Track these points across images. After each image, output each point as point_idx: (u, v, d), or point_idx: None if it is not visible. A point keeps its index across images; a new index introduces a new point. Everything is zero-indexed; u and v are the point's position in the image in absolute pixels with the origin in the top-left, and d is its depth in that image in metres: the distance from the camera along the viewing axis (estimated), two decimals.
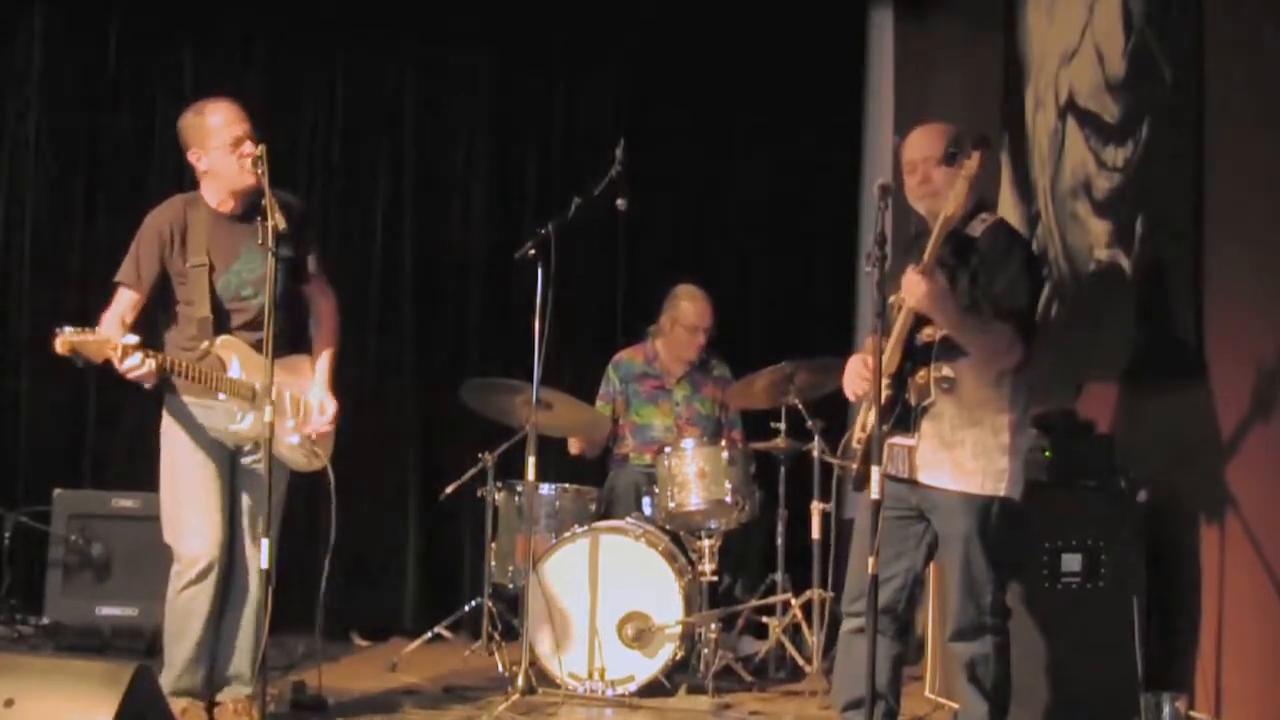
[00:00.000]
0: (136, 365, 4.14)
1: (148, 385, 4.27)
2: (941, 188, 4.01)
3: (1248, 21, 4.63)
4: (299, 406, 4.57)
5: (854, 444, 4.15)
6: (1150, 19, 5.11)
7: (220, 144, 4.40)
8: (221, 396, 4.34)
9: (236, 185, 4.42)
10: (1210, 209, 4.76)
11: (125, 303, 4.42)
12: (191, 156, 4.48)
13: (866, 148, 7.24)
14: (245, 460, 4.49)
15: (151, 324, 4.49)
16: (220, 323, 4.40)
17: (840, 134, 7.20)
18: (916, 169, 4.11)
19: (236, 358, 4.39)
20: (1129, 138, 5.20)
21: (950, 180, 3.96)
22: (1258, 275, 4.53)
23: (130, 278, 4.44)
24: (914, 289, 3.86)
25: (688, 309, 6.08)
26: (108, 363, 4.14)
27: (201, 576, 4.37)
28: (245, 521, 4.49)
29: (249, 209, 4.42)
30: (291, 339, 4.58)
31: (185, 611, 4.39)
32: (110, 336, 4.15)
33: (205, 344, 4.36)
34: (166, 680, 4.32)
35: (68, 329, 4.06)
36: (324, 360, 4.68)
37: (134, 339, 4.19)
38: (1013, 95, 6.06)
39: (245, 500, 4.50)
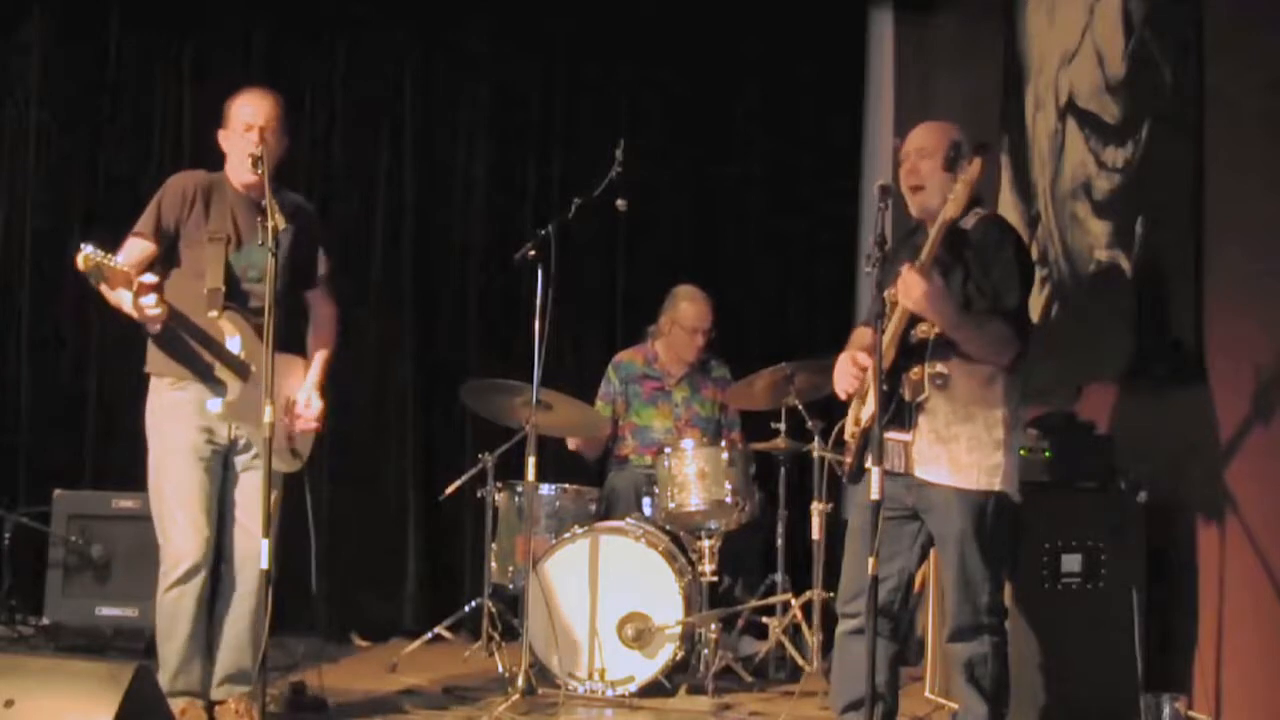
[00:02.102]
0: (152, 305, 4.16)
1: (155, 328, 4.26)
2: (926, 182, 4.05)
3: (1248, 21, 4.63)
4: (288, 406, 4.57)
5: (846, 438, 4.16)
6: (1150, 19, 5.11)
7: (235, 127, 4.47)
8: (216, 369, 4.34)
9: (238, 176, 4.47)
10: (1210, 209, 4.75)
11: (136, 250, 4.40)
12: (220, 135, 4.54)
13: (866, 148, 7.23)
14: (239, 459, 4.49)
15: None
16: (230, 297, 4.41)
17: (840, 134, 7.20)
18: (908, 159, 4.14)
19: (239, 335, 4.38)
20: (1129, 138, 5.20)
21: (937, 178, 4.01)
22: (1258, 275, 4.53)
23: (147, 229, 4.44)
24: (911, 289, 3.86)
25: (687, 310, 6.08)
26: (104, 296, 4.20)
27: (186, 577, 4.36)
28: (238, 518, 4.48)
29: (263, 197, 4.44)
30: (286, 339, 4.57)
31: (171, 612, 4.38)
32: (131, 270, 4.17)
33: (213, 313, 4.36)
34: (163, 680, 4.30)
35: (90, 247, 4.08)
36: (318, 360, 4.69)
37: (152, 278, 4.24)
38: (1013, 96, 6.06)
39: (237, 497, 4.48)
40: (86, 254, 4.07)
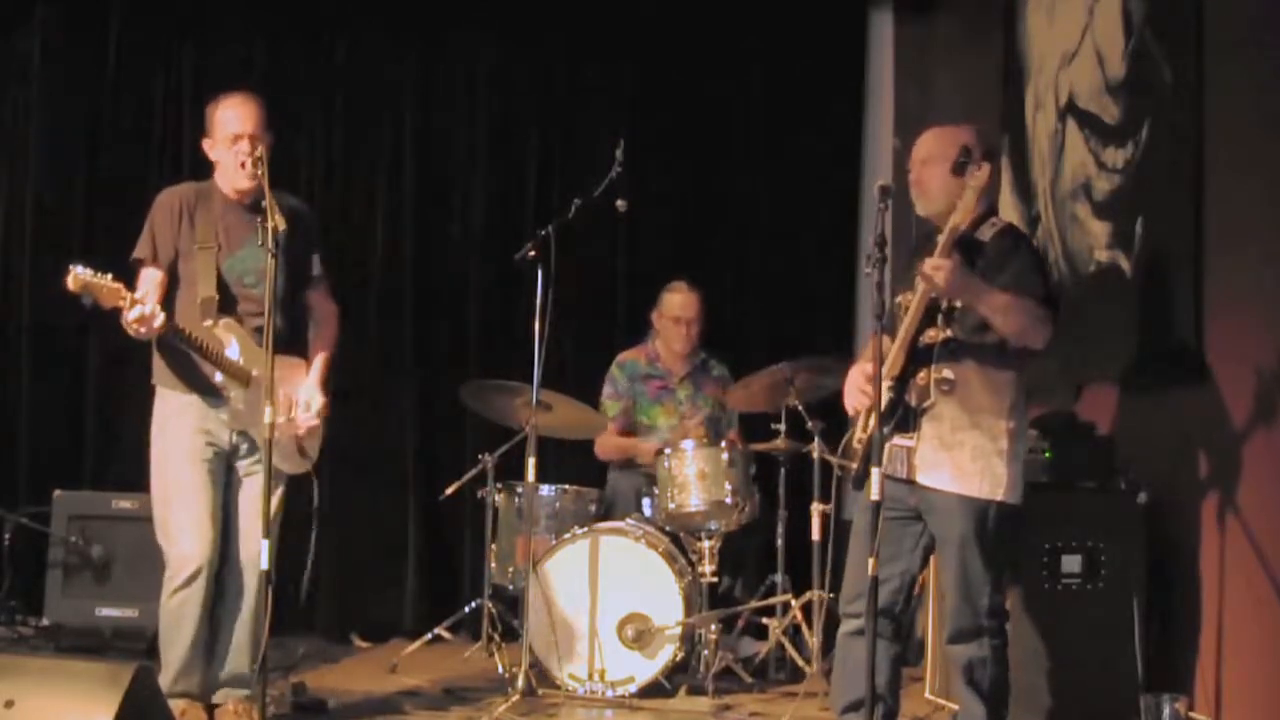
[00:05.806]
0: (143, 315, 4.12)
1: (143, 333, 4.20)
2: (929, 188, 4.04)
3: (1248, 21, 4.63)
4: (290, 406, 4.56)
5: (854, 444, 4.15)
6: (1150, 19, 5.10)
7: (222, 138, 4.48)
8: (218, 378, 4.35)
9: (232, 183, 4.47)
10: (1210, 209, 4.75)
11: (149, 281, 4.42)
12: (205, 144, 4.56)
13: (866, 148, 7.24)
14: (241, 463, 4.50)
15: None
16: (224, 304, 4.41)
17: (840, 134, 7.20)
18: (913, 169, 4.14)
19: (236, 341, 4.40)
20: (1129, 139, 5.20)
21: (944, 185, 3.99)
22: (1258, 276, 4.52)
23: (148, 254, 4.45)
24: (939, 271, 3.81)
25: (671, 300, 6.15)
26: (115, 311, 4.14)
27: (191, 580, 4.35)
28: (241, 522, 4.48)
29: (257, 202, 4.45)
30: (287, 341, 4.57)
31: (176, 615, 4.38)
32: (120, 287, 4.14)
33: (209, 322, 4.37)
34: (164, 682, 4.30)
35: (80, 267, 4.05)
36: (319, 361, 4.68)
37: (143, 292, 4.24)
38: (1013, 96, 6.06)
39: (240, 501, 4.49)
40: (76, 274, 4.04)
